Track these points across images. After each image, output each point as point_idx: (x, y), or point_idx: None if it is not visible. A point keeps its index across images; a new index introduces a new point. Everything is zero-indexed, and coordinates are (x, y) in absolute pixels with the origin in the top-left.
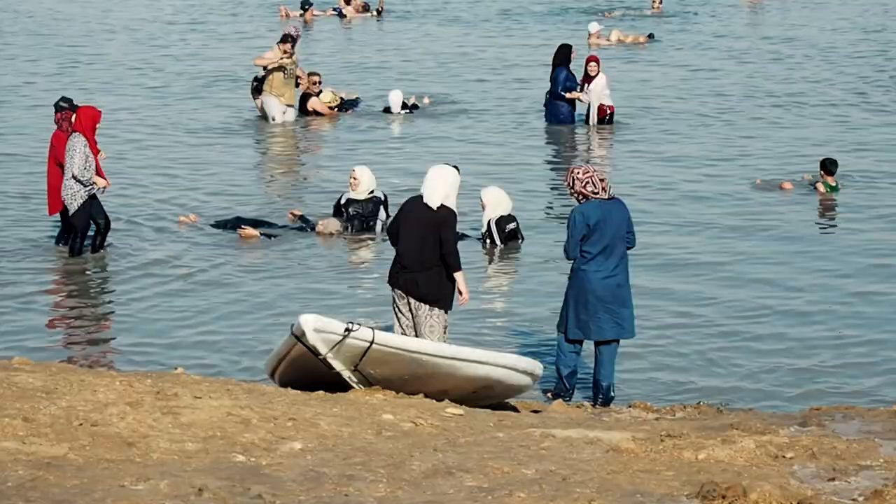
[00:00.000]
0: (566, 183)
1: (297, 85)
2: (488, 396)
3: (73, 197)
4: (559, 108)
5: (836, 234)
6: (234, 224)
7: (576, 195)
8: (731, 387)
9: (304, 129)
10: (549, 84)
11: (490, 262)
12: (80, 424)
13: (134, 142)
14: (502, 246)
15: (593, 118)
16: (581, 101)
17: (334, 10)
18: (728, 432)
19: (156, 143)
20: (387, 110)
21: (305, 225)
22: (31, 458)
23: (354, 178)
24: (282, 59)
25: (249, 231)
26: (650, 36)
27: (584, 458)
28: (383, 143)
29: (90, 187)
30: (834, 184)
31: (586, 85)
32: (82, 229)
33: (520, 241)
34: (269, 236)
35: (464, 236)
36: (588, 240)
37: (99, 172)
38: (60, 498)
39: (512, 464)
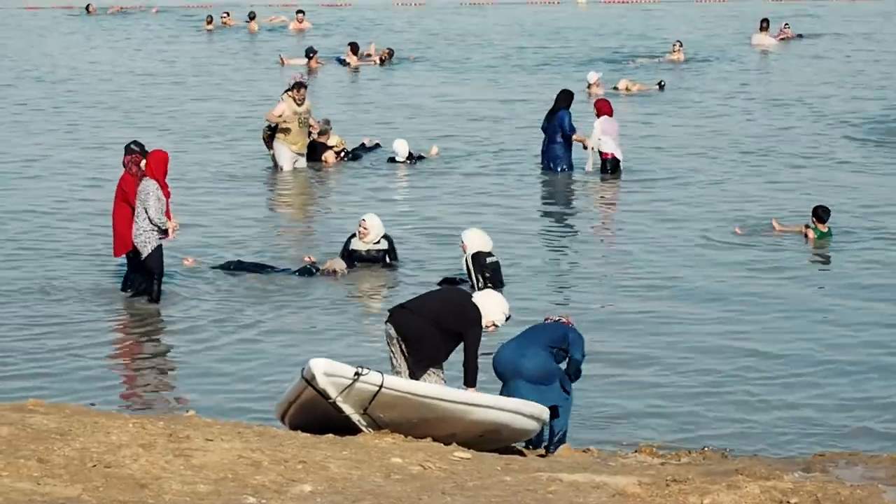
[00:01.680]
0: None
1: (309, 133)
2: (495, 440)
3: (147, 241)
4: (557, 153)
5: (830, 279)
6: (235, 266)
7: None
8: (735, 433)
9: (314, 177)
10: (546, 129)
11: None
12: (94, 466)
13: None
14: (482, 284)
15: (589, 165)
16: (586, 145)
17: (338, 60)
18: (733, 477)
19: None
20: (392, 160)
21: (313, 268)
22: (46, 498)
23: (364, 228)
24: (295, 109)
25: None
26: (660, 84)
27: (591, 502)
28: (390, 192)
29: (162, 232)
30: (825, 230)
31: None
32: (158, 272)
33: (501, 284)
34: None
35: (460, 281)
36: None
37: (167, 215)
38: None
39: None
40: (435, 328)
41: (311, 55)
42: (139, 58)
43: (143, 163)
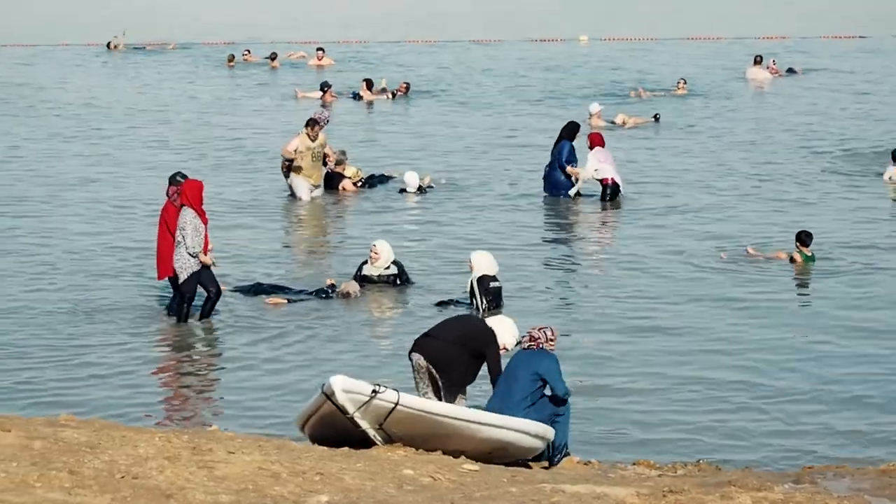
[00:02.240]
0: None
1: (325, 164)
2: (502, 457)
3: (184, 266)
4: (558, 179)
5: (814, 300)
6: (255, 289)
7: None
8: (729, 446)
9: (330, 205)
10: (549, 156)
11: None
12: (122, 477)
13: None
14: (485, 305)
15: (573, 191)
16: (577, 177)
17: (353, 94)
18: (726, 489)
19: None
20: (402, 190)
21: (329, 290)
22: None
23: (375, 253)
24: (308, 144)
25: (276, 299)
26: (655, 117)
27: None
28: (401, 220)
29: (197, 257)
30: (809, 254)
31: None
32: (189, 296)
33: (500, 305)
34: (292, 300)
35: (457, 303)
36: None
37: (205, 245)
38: None
39: None
40: (461, 350)
41: (326, 89)
42: (162, 92)
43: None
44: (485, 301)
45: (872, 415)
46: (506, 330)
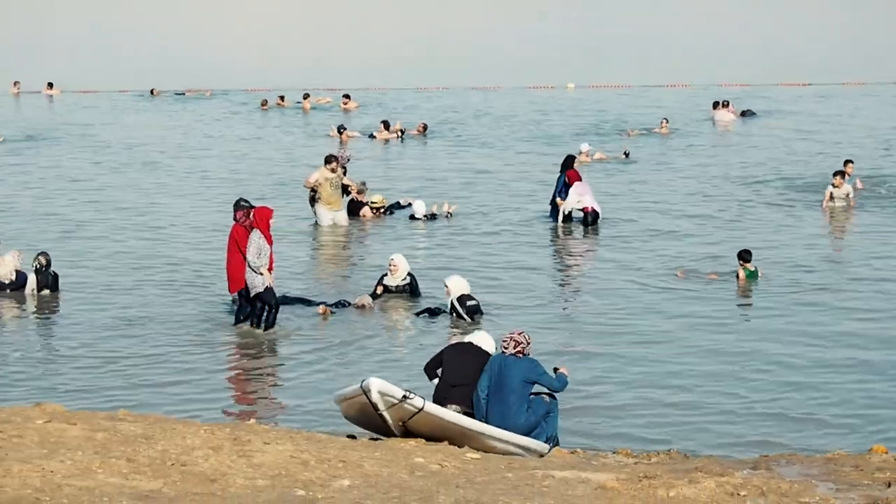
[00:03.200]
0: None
1: (348, 192)
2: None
3: (255, 280)
4: (556, 209)
5: (757, 310)
6: (281, 301)
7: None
8: (696, 438)
9: (350, 229)
10: (552, 187)
11: (453, 332)
12: (172, 464)
13: (206, 238)
14: (469, 320)
15: (559, 219)
16: (560, 206)
17: (369, 135)
18: (693, 474)
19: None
20: (412, 217)
21: (346, 302)
22: (133, 491)
23: (394, 265)
24: (327, 176)
25: (324, 307)
26: (626, 154)
27: (578, 494)
28: (410, 243)
29: (262, 273)
30: (752, 269)
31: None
32: (271, 303)
33: (481, 315)
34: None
35: (438, 311)
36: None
37: (271, 258)
38: None
39: (519, 498)
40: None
41: (342, 130)
42: (204, 131)
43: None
44: (468, 318)
45: (819, 410)
46: (490, 345)
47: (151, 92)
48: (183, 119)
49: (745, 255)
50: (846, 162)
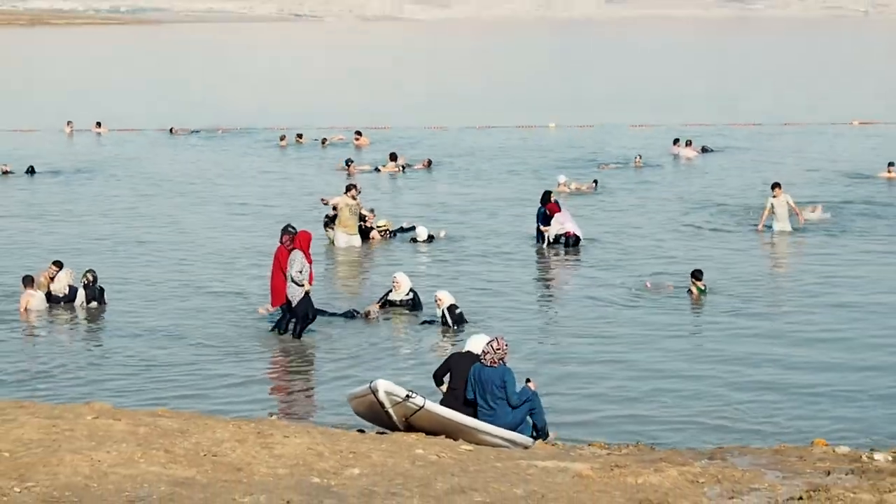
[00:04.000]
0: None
1: (364, 220)
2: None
3: (295, 293)
4: (540, 234)
5: (708, 321)
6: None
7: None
8: (660, 432)
9: (360, 251)
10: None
11: (444, 338)
12: (204, 455)
13: (232, 258)
14: (455, 327)
15: (545, 244)
16: (544, 232)
17: (374, 168)
18: (658, 464)
19: (247, 261)
20: (413, 240)
21: (356, 312)
22: (170, 478)
23: (397, 283)
24: (347, 202)
25: (369, 308)
26: (595, 182)
27: (558, 481)
28: (412, 263)
29: (304, 286)
30: (703, 286)
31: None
32: (302, 316)
33: (466, 323)
34: (348, 316)
35: (432, 321)
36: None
37: (311, 275)
38: None
39: (506, 485)
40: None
41: (349, 164)
42: (231, 166)
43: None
44: (454, 325)
45: (767, 406)
46: (477, 346)
47: (171, 130)
48: (209, 154)
49: (697, 274)
50: (774, 185)
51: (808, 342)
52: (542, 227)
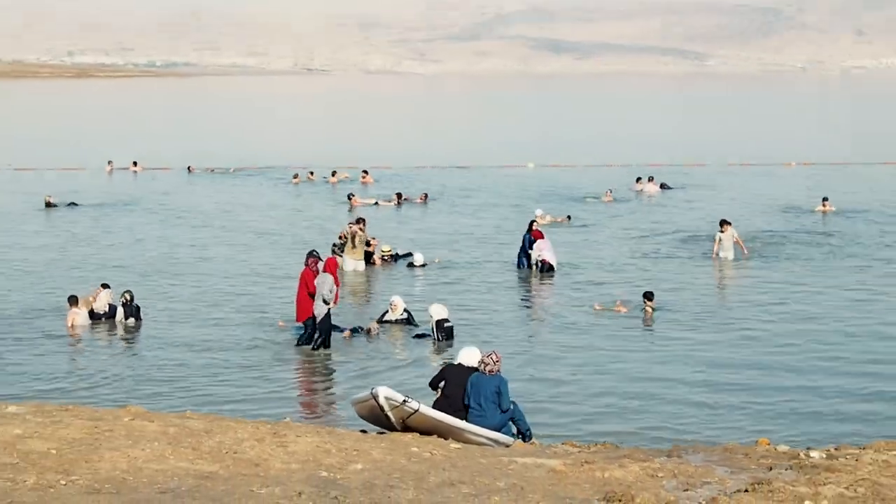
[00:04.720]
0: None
1: (369, 244)
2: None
3: (321, 311)
4: (522, 260)
5: (661, 337)
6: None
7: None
8: (624, 432)
9: (365, 274)
10: (519, 243)
11: (434, 350)
12: (227, 452)
13: (254, 280)
14: (443, 341)
15: (533, 269)
16: (530, 258)
17: (374, 203)
18: (622, 460)
19: (266, 282)
20: (410, 265)
21: (359, 328)
22: (196, 472)
23: (394, 305)
24: (356, 232)
25: (347, 333)
26: (568, 217)
27: (535, 475)
28: (410, 285)
29: (330, 305)
30: (654, 307)
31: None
32: (325, 330)
33: (454, 337)
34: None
35: (425, 335)
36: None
37: (336, 296)
38: (215, 498)
39: (490, 478)
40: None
41: (351, 197)
42: (249, 201)
43: (320, 264)
44: (442, 338)
45: (716, 410)
46: (472, 358)
47: (189, 169)
48: (229, 190)
49: (649, 295)
50: (722, 222)
51: (751, 353)
52: (528, 251)
